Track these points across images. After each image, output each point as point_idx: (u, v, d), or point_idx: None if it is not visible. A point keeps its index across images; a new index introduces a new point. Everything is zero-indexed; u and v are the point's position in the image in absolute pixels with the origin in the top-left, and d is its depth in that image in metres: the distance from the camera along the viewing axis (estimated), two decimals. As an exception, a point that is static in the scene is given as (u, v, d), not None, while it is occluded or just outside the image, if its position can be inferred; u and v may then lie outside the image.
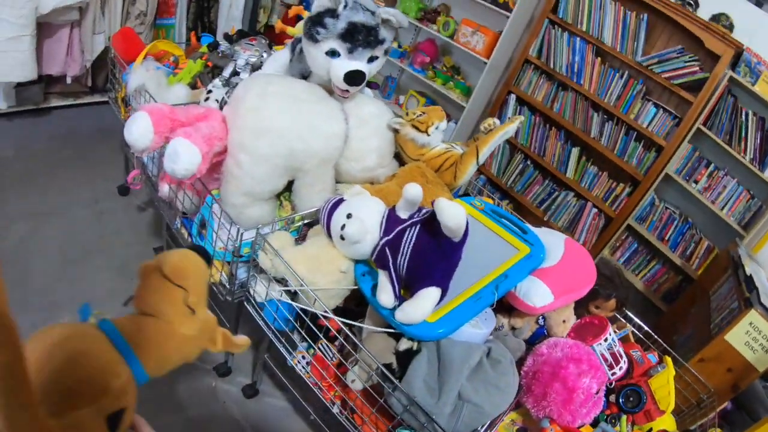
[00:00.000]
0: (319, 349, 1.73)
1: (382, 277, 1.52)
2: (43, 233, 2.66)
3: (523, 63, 4.06)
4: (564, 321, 1.82)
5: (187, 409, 2.14)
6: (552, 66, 3.96)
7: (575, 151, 4.04)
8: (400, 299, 1.49)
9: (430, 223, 1.45)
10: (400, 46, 4.54)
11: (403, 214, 1.54)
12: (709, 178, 3.69)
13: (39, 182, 2.96)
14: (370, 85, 4.33)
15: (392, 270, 1.48)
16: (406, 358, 1.49)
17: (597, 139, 3.91)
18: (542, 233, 1.86)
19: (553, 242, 1.82)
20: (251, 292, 1.77)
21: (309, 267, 1.62)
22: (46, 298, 2.27)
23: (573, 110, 3.98)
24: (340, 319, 1.53)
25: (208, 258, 1.18)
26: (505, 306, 1.77)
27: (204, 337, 1.07)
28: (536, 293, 1.65)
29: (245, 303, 1.88)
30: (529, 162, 4.31)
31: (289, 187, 1.93)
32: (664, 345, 2.11)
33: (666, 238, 3.89)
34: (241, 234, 1.73)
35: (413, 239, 1.46)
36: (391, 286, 1.49)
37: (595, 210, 4.04)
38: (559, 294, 1.68)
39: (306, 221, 1.90)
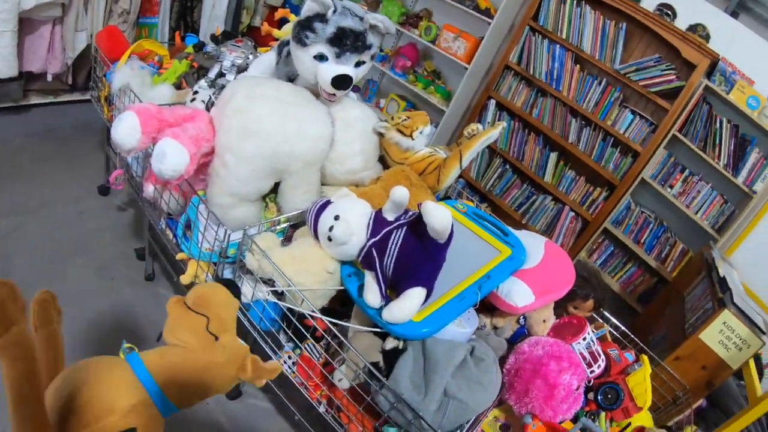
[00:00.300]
0: (306, 348, 1.75)
1: (369, 278, 1.55)
2: (22, 231, 2.64)
3: (503, 69, 4.13)
4: (544, 321, 1.86)
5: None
6: (532, 72, 4.03)
7: (553, 155, 4.12)
8: (387, 299, 1.51)
9: (416, 225, 1.49)
10: (381, 50, 4.56)
11: (389, 216, 1.57)
12: (684, 183, 3.78)
13: (18, 180, 2.93)
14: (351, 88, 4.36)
15: (378, 271, 1.51)
16: (392, 357, 1.52)
17: (575, 144, 3.99)
18: (523, 235, 1.91)
19: (534, 244, 1.87)
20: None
21: (296, 268, 1.63)
22: (24, 297, 2.21)
23: (552, 116, 4.06)
24: (328, 318, 1.56)
25: (236, 291, 1.21)
26: (488, 306, 1.81)
27: (233, 365, 1.08)
28: (518, 293, 1.70)
29: None
30: (507, 166, 4.38)
31: (275, 189, 1.94)
32: (641, 344, 2.16)
33: (641, 241, 3.97)
34: (228, 235, 1.74)
35: (400, 241, 1.50)
36: (378, 286, 1.52)
37: (572, 213, 4.12)
38: (539, 294, 1.72)
39: (291, 223, 1.92)
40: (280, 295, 1.66)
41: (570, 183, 4.13)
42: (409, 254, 1.49)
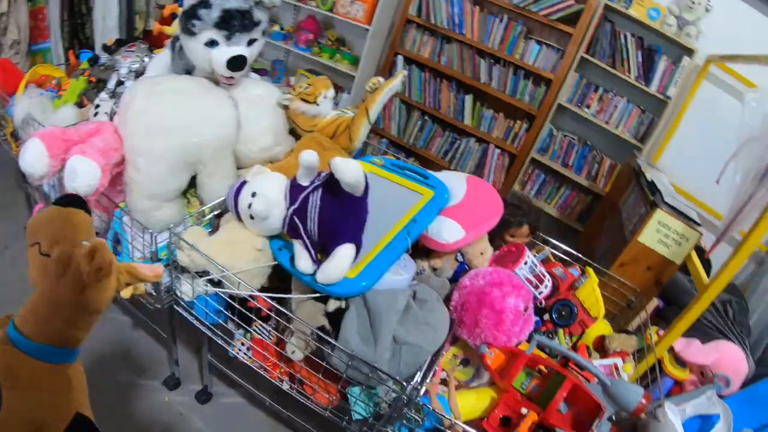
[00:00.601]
0: (255, 331, 1.75)
1: (297, 246, 1.56)
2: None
3: (404, 23, 4.15)
4: (481, 253, 1.89)
5: (148, 430, 2.11)
6: (433, 21, 4.06)
7: (469, 98, 4.18)
8: (318, 263, 1.53)
9: (331, 185, 1.49)
10: (282, 29, 4.53)
11: (304, 182, 1.57)
12: (600, 101, 3.88)
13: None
14: (258, 71, 4.33)
15: (305, 237, 1.52)
16: (337, 317, 1.54)
17: (488, 83, 4.06)
18: (443, 176, 1.93)
19: (455, 182, 1.90)
20: (178, 293, 1.77)
21: (226, 252, 1.63)
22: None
23: (460, 60, 4.11)
24: (267, 295, 1.56)
25: (74, 201, 1.16)
26: (423, 249, 1.83)
27: (74, 274, 0.97)
28: (447, 230, 1.73)
29: (175, 307, 1.87)
30: (426, 117, 4.42)
31: (193, 184, 1.93)
32: (583, 258, 2.23)
33: (570, 164, 4.08)
34: (155, 238, 1.73)
35: (318, 203, 1.51)
36: (307, 252, 1.53)
37: (498, 150, 4.21)
38: (469, 228, 1.76)
39: (216, 212, 1.90)
40: (218, 284, 1.65)
41: (490, 121, 4.20)
42: (330, 214, 1.49)
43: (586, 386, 1.52)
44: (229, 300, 1.67)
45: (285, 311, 1.55)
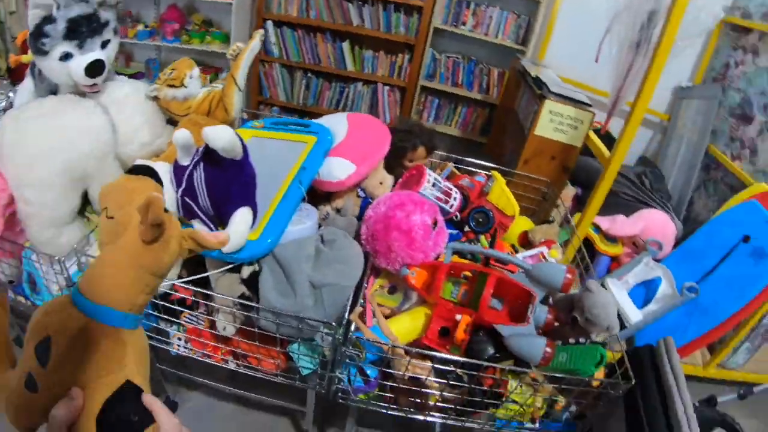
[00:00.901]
0: (187, 321, 1.73)
1: (196, 225, 1.55)
2: None
3: (265, -13, 4.06)
4: (381, 183, 1.90)
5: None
6: (292, -20, 3.99)
7: (346, 45, 4.18)
8: (221, 235, 1.52)
9: (210, 156, 1.49)
10: (147, 26, 4.39)
11: (184, 162, 1.56)
12: (475, 16, 3.95)
13: None
14: (134, 76, 4.20)
15: (200, 214, 1.52)
16: (254, 282, 1.54)
17: (361, 25, 4.06)
18: (324, 120, 1.95)
19: (336, 122, 1.91)
20: None
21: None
22: None
23: (329, 10, 4.08)
24: (181, 281, 1.55)
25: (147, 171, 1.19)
26: (322, 194, 1.84)
27: (132, 231, 0.94)
28: (337, 168, 1.74)
29: None
30: (310, 74, 4.41)
31: (87, 200, 1.88)
32: (487, 164, 2.27)
33: (460, 83, 4.14)
34: (64, 264, 1.68)
35: (203, 176, 1.50)
36: (207, 227, 1.52)
37: (386, 88, 4.25)
38: (358, 161, 1.77)
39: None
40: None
41: (372, 62, 4.23)
42: (217, 184, 1.49)
43: (510, 277, 1.57)
44: (152, 300, 1.64)
45: (205, 292, 1.54)
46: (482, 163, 2.27)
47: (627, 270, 2.91)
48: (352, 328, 1.44)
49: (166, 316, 1.68)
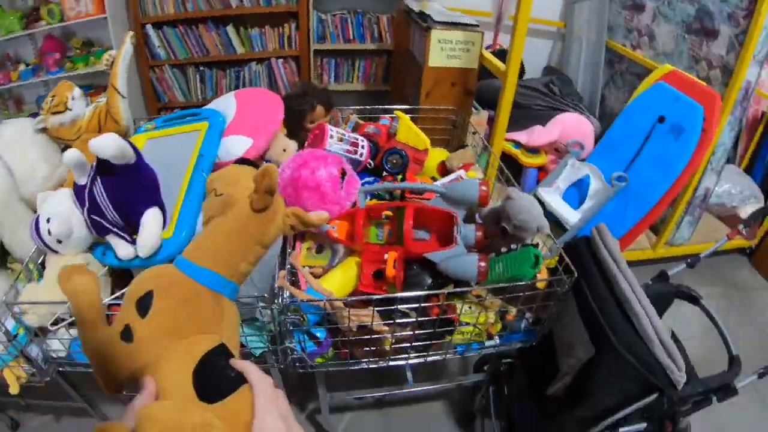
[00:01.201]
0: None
1: (110, 240, 1.51)
2: None
3: (133, -8, 3.94)
4: (284, 150, 1.88)
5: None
6: (160, -26, 3.89)
7: (230, 29, 4.12)
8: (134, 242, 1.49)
9: (103, 167, 1.45)
10: (28, 65, 4.24)
11: (82, 181, 1.52)
12: (349, -31, 3.89)
13: None
14: (31, 116, 4.06)
15: (110, 226, 1.48)
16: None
17: (240, 5, 4.01)
18: (212, 104, 1.94)
19: (225, 102, 1.90)
20: (54, 355, 1.70)
21: (54, 290, 1.56)
22: None
23: (204, -2, 4.00)
24: (109, 300, 1.53)
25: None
26: (230, 177, 1.81)
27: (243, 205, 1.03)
28: (234, 146, 1.73)
29: (58, 374, 1.79)
30: (202, 68, 4.34)
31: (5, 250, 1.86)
32: (387, 107, 2.26)
33: (351, 38, 4.14)
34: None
35: (102, 190, 1.46)
36: (121, 239, 1.49)
37: (280, 60, 4.23)
38: (254, 134, 1.76)
39: (39, 261, 1.82)
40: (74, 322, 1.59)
41: (260, 39, 4.18)
42: (118, 193, 1.45)
43: (427, 205, 1.58)
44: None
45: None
46: (383, 107, 2.27)
47: (555, 176, 2.98)
48: (286, 294, 1.43)
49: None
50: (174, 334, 0.85)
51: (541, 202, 2.85)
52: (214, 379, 0.81)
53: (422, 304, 1.45)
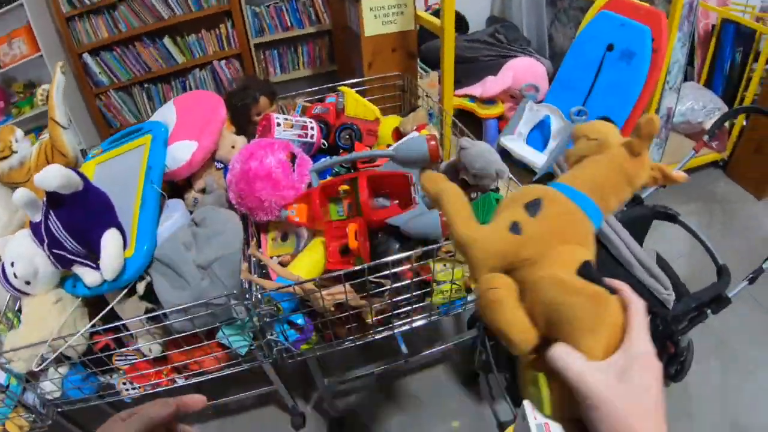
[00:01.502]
0: (120, 363, 1.71)
1: (77, 269, 1.52)
2: None
3: (66, 22, 3.89)
4: (233, 146, 1.88)
5: None
6: (87, 2, 3.85)
7: (168, 40, 4.11)
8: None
9: (53, 200, 1.45)
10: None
11: (37, 218, 1.51)
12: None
13: None
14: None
15: (73, 257, 1.48)
16: (150, 292, 1.53)
17: (173, 16, 3.99)
18: (154, 115, 1.93)
19: (165, 111, 1.90)
20: (49, 397, 1.70)
21: (37, 329, 1.56)
22: None
23: (135, 15, 3.99)
24: (85, 330, 1.52)
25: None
26: (184, 184, 1.84)
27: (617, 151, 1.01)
28: (179, 152, 1.73)
29: (59, 415, 1.78)
30: (147, 85, 4.31)
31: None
32: (330, 85, 2.26)
33: (290, 25, 4.12)
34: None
35: (57, 221, 1.46)
36: (85, 267, 1.49)
37: (223, 62, 4.24)
38: (197, 136, 1.76)
39: (17, 308, 1.81)
40: (60, 359, 1.58)
41: (198, 44, 4.18)
42: (72, 222, 1.46)
43: (378, 171, 1.58)
44: (79, 360, 1.61)
45: (114, 325, 1.52)
46: (326, 86, 2.27)
47: (515, 123, 2.99)
48: (255, 287, 1.44)
49: (102, 369, 1.65)
50: (561, 238, 0.86)
51: (507, 152, 2.86)
52: (596, 282, 0.85)
53: (392, 270, 1.44)
